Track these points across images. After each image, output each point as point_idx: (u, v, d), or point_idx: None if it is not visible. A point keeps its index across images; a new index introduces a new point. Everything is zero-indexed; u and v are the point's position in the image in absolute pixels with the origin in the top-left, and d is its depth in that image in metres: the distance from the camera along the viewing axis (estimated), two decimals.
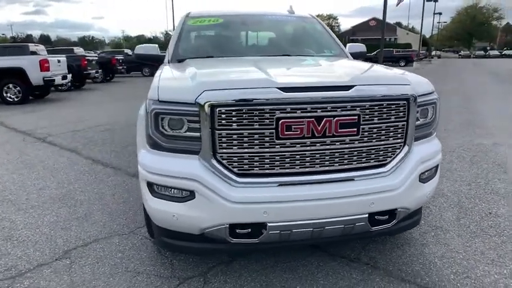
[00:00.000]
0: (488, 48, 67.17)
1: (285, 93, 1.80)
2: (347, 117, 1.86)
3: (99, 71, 15.88)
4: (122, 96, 12.05)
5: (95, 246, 2.62)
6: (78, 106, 9.88)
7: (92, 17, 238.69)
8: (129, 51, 25.69)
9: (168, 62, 2.95)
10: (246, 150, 1.83)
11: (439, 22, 64.87)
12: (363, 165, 1.97)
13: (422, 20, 40.30)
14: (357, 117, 1.87)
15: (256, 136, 1.82)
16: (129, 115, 7.98)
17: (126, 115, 8.02)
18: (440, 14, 55.00)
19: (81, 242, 2.69)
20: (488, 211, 3.11)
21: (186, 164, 1.88)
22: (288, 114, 1.80)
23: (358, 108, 1.87)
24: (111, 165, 4.53)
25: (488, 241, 2.64)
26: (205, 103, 1.77)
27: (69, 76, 12.03)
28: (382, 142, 1.97)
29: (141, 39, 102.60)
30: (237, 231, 1.90)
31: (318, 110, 1.82)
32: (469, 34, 66.94)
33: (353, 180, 1.96)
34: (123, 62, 19.69)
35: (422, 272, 2.29)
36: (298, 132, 1.83)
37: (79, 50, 18.29)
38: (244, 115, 1.79)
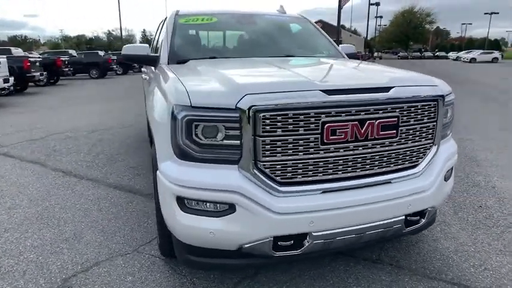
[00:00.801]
0: (422, 49, 73.04)
1: (330, 96, 1.72)
2: (388, 119, 1.83)
3: (44, 73, 14.56)
4: (75, 100, 11.15)
5: (98, 271, 2.33)
6: (27, 112, 8.94)
7: (24, 14, 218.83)
8: (73, 52, 23.97)
9: (167, 63, 2.73)
10: (290, 157, 1.72)
11: (379, 25, 69.30)
12: (399, 167, 1.96)
13: (368, 22, 42.71)
14: (396, 118, 1.85)
15: (301, 142, 1.72)
16: (89, 121, 7.42)
17: (87, 121, 7.44)
18: (381, 17, 58.67)
19: (80, 266, 2.38)
20: (479, 204, 3.31)
21: (224, 175, 1.72)
22: (333, 118, 1.73)
23: (397, 110, 1.85)
24: (86, 176, 4.12)
25: (489, 232, 2.79)
26: (249, 108, 1.63)
27: (12, 79, 10.86)
28: (416, 143, 1.97)
29: (81, 40, 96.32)
30: (279, 243, 1.79)
31: (362, 113, 1.77)
32: (406, 36, 72.27)
33: (390, 183, 1.94)
34: (68, 63, 18.28)
35: (443, 267, 2.34)
36: (343, 136, 1.76)
37: (17, 51, 16.66)
38: (289, 120, 1.68)
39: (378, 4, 46.92)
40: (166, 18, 3.73)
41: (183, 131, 1.72)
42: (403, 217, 1.96)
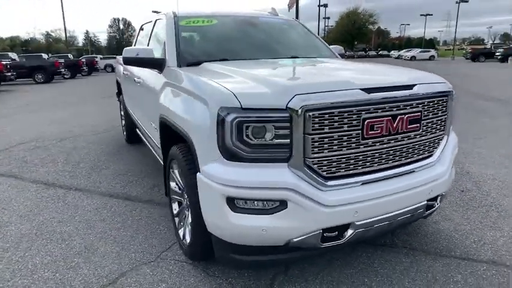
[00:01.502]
0: (366, 48, 77.35)
1: (368, 94, 1.86)
2: (414, 114, 2.01)
3: None
4: (29, 108, 10.30)
5: (127, 281, 2.26)
6: None
7: None
8: (14, 55, 22.05)
9: (178, 66, 2.70)
10: (335, 153, 1.83)
11: (326, 26, 72.20)
12: (420, 157, 2.15)
13: (318, 23, 44.25)
14: (419, 113, 2.04)
15: (344, 138, 1.83)
16: (53, 129, 6.97)
17: (50, 128, 6.98)
18: (328, 18, 61.20)
19: (105, 279, 2.28)
20: (461, 188, 3.67)
21: (275, 173, 1.78)
22: (372, 114, 1.86)
23: (420, 105, 2.04)
24: (73, 187, 3.89)
25: (477, 212, 3.13)
26: (300, 108, 1.71)
27: None
28: (433, 134, 2.18)
29: (15, 41, 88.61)
30: (325, 235, 1.89)
31: (394, 109, 1.93)
32: (351, 36, 76.03)
33: (414, 171, 2.12)
34: (10, 67, 16.81)
35: (450, 245, 2.60)
36: (379, 131, 1.90)
37: None
38: (335, 118, 1.79)
39: (325, 6, 48.92)
40: (157, 20, 3.66)
41: (233, 133, 1.75)
42: (425, 202, 2.16)
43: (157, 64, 2.90)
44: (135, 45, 4.60)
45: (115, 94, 6.35)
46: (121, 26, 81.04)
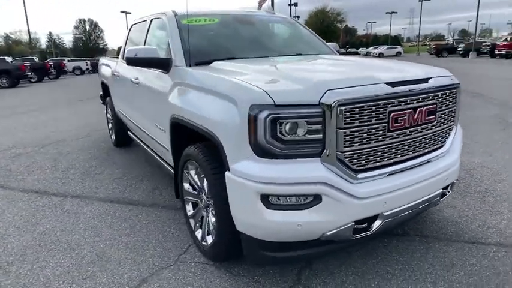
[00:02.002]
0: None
1: (393, 87, 1.91)
2: (430, 106, 2.09)
3: None
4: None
5: (151, 287, 2.20)
6: None
7: None
8: None
9: (188, 66, 2.65)
10: (364, 145, 1.87)
11: None
12: (435, 147, 2.24)
13: None
14: (435, 105, 2.12)
15: (372, 131, 1.88)
16: (31, 134, 6.66)
17: (28, 135, 6.64)
18: (298, 17, 61.89)
19: (127, 287, 2.21)
20: None
21: (308, 168, 1.79)
22: (396, 107, 1.92)
23: (435, 98, 2.12)
24: (68, 194, 3.73)
25: (475, 198, 3.30)
26: (333, 102, 1.73)
27: None
28: (445, 125, 2.28)
29: None
30: (355, 227, 1.93)
31: (414, 102, 2.00)
32: (320, 34, 77.25)
33: (430, 161, 2.21)
34: None
35: (458, 231, 2.72)
36: (402, 123, 1.97)
37: None
38: (364, 111, 1.83)
39: (295, 5, 49.48)
40: (153, 19, 3.57)
41: (267, 130, 1.75)
42: (441, 190, 2.26)
43: (163, 64, 2.83)
44: (125, 46, 4.46)
45: (91, 97, 6.16)
46: (87, 27, 78.01)
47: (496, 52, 28.72)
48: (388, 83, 1.91)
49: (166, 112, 2.70)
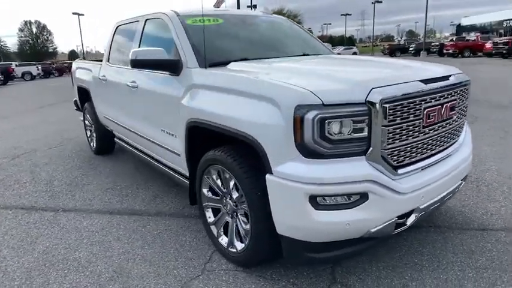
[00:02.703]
0: None
1: (426, 85, 1.98)
2: (452, 102, 2.18)
3: None
4: None
5: None
6: None
7: None
8: None
9: (203, 67, 2.55)
10: (403, 142, 1.92)
11: None
12: (453, 141, 2.35)
13: None
14: (455, 101, 2.22)
15: (410, 127, 1.93)
16: (2, 146, 6.06)
17: None
18: None
19: None
20: None
21: (355, 166, 1.80)
22: (429, 104, 1.99)
23: (456, 94, 2.22)
24: (61, 208, 3.45)
25: (470, 188, 3.49)
26: (379, 101, 1.75)
27: None
28: (461, 120, 2.40)
29: None
30: (397, 222, 1.96)
31: (441, 98, 2.08)
32: None
33: (451, 155, 2.31)
34: None
35: (466, 220, 2.88)
36: (433, 119, 2.04)
37: None
38: (404, 109, 1.87)
39: (255, 6, 49.79)
40: (148, 19, 3.41)
41: (314, 130, 1.73)
42: (461, 181, 2.37)
43: (172, 66, 2.71)
44: (110, 48, 4.22)
45: (52, 104, 5.81)
46: (34, 30, 72.87)
47: (444, 51, 30.89)
48: (421, 81, 1.97)
49: (179, 116, 2.59)
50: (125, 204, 3.48)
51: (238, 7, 17.72)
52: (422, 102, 1.95)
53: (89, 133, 5.43)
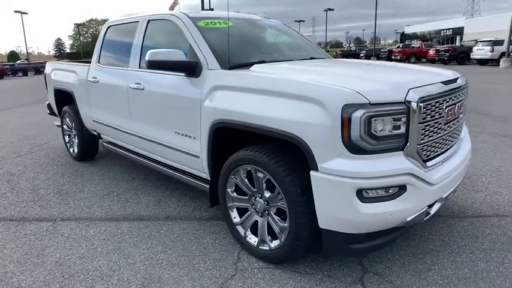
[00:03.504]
0: None
1: (446, 85, 2.19)
2: (461, 101, 2.43)
3: None
4: None
5: None
6: None
7: None
8: None
9: (226, 69, 2.58)
10: (431, 137, 2.10)
11: None
12: (460, 136, 2.61)
13: None
14: (463, 100, 2.48)
15: (436, 124, 2.12)
16: None
17: None
18: None
19: None
20: None
21: (396, 161, 1.95)
22: (449, 103, 2.21)
23: (463, 93, 2.48)
24: (58, 217, 3.25)
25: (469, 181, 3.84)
26: (416, 100, 1.92)
27: None
28: (464, 117, 2.66)
29: None
30: (427, 211, 2.15)
31: (456, 98, 2.31)
32: None
33: (459, 148, 2.56)
34: None
35: (460, 208, 3.17)
36: (451, 117, 2.26)
37: None
38: (433, 107, 2.06)
39: (212, 9, 49.78)
40: (151, 20, 3.34)
41: (362, 128, 1.85)
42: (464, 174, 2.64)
43: (190, 67, 2.70)
44: (100, 49, 4.05)
45: (8, 108, 5.41)
46: None
47: (393, 57, 33.10)
48: (442, 82, 2.19)
49: (200, 118, 2.59)
50: (128, 210, 3.35)
51: (203, 7, 17.54)
52: (444, 102, 2.16)
53: (67, 138, 5.12)
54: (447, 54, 25.96)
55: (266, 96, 2.20)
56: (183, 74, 2.79)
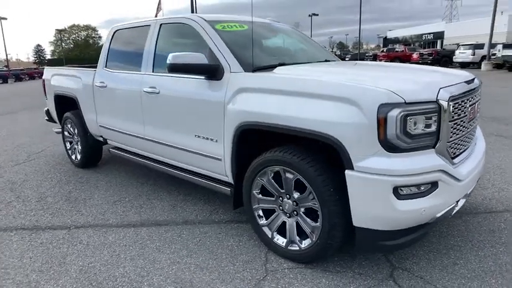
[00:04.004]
0: None
1: (468, 85, 2.27)
2: (479, 100, 2.53)
3: None
4: None
5: None
6: None
7: None
8: None
9: (250, 71, 2.59)
10: (458, 135, 2.18)
11: None
12: (475, 135, 2.70)
13: None
14: (479, 99, 2.57)
15: (461, 122, 2.20)
16: None
17: None
18: None
19: None
20: None
21: (428, 158, 2.01)
22: (472, 101, 2.29)
23: (479, 94, 2.57)
24: (72, 225, 3.17)
25: None
26: (447, 99, 1.99)
27: None
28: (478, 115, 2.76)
29: None
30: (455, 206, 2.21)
31: (475, 97, 2.40)
32: None
33: (476, 146, 2.65)
34: None
35: (472, 205, 3.27)
36: (472, 115, 2.34)
37: None
38: (459, 106, 2.13)
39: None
40: (163, 24, 3.33)
41: (398, 126, 1.90)
42: None
43: (212, 70, 2.71)
44: (107, 54, 4.00)
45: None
46: None
47: (377, 61, 33.82)
48: (465, 82, 2.27)
49: (224, 120, 2.60)
50: (144, 216, 3.31)
51: (193, 11, 17.52)
52: (468, 101, 2.24)
53: (69, 145, 5.01)
54: (430, 57, 26.69)
55: (297, 97, 2.23)
56: (203, 77, 2.79)
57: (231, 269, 2.43)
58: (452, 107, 2.05)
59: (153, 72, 3.34)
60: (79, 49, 73.15)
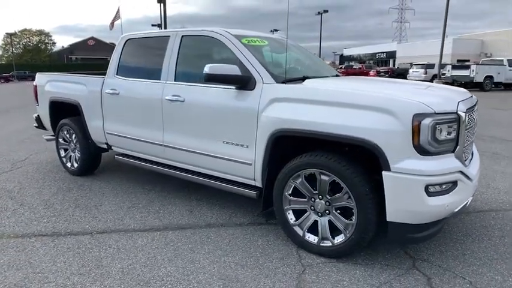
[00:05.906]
0: None
1: (472, 99, 2.69)
2: (476, 112, 2.96)
3: None
4: None
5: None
6: None
7: None
8: None
9: (280, 83, 2.83)
10: (468, 141, 2.57)
11: None
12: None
13: None
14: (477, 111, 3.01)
15: (471, 130, 2.60)
16: None
17: None
18: None
19: None
20: None
21: (450, 161, 2.36)
22: (475, 113, 2.70)
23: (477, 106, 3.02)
24: (94, 230, 3.15)
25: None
26: (465, 110, 2.37)
27: None
28: None
29: None
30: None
31: (476, 110, 2.83)
32: None
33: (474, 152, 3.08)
34: None
35: (495, 200, 3.71)
36: (472, 125, 2.75)
37: None
38: (470, 116, 2.54)
39: (159, 26, 49.11)
40: (185, 36, 3.47)
41: (429, 133, 2.23)
42: None
43: (244, 81, 2.91)
44: (119, 62, 4.03)
45: None
46: None
47: None
48: (471, 97, 2.69)
49: (257, 127, 2.81)
50: (164, 221, 3.37)
51: (165, 23, 17.50)
52: (474, 112, 2.65)
53: (63, 152, 4.88)
54: (387, 75, 28.68)
55: (333, 107, 2.50)
56: (233, 87, 2.98)
57: (270, 265, 2.60)
58: (467, 117, 2.44)
59: (174, 80, 3.45)
60: (30, 54, 68.93)
